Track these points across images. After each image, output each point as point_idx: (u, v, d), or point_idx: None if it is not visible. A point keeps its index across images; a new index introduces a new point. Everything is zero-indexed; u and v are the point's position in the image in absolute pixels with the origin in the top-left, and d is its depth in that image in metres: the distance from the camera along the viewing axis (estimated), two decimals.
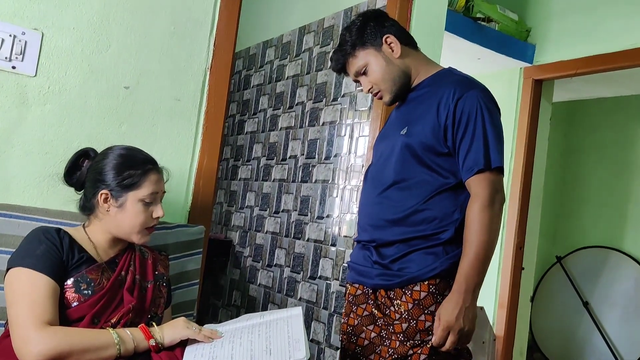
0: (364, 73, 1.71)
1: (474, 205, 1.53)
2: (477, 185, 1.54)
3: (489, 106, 1.59)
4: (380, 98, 1.74)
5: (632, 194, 4.34)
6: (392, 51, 1.68)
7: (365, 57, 1.69)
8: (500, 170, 1.56)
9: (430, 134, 1.59)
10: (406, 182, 1.62)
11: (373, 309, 1.66)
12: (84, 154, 1.56)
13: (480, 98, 1.58)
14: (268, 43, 3.65)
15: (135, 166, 1.47)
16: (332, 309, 2.61)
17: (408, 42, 1.73)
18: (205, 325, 1.47)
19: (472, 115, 1.55)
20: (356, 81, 1.77)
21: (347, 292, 1.76)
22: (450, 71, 1.72)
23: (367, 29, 1.69)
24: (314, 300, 2.73)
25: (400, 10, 2.37)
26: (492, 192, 1.53)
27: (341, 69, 1.75)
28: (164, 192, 1.54)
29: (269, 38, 3.65)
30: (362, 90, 2.70)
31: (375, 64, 1.68)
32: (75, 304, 1.36)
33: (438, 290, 1.55)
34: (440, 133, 1.58)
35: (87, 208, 1.49)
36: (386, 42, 1.68)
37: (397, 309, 1.58)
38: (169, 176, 1.57)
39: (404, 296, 1.57)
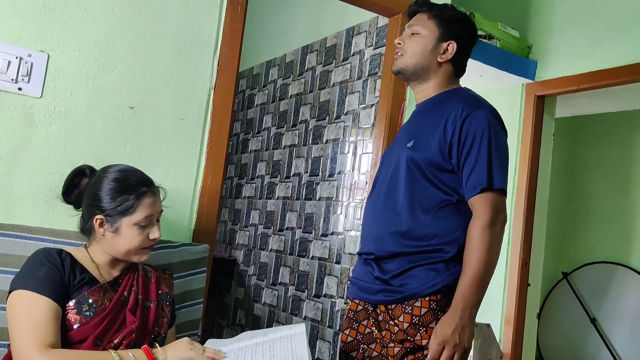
0: (413, 34, 1.72)
1: (475, 225, 1.53)
2: (479, 205, 1.54)
3: (496, 127, 1.60)
4: (396, 59, 1.75)
5: (637, 209, 4.31)
6: (442, 53, 1.70)
7: (429, 30, 1.70)
8: (502, 192, 1.57)
9: (436, 149, 1.60)
10: (409, 195, 1.62)
11: (373, 327, 1.65)
12: (80, 172, 1.56)
13: (487, 118, 1.59)
14: (271, 62, 3.68)
15: (129, 190, 1.45)
16: (337, 328, 2.59)
17: (457, 65, 1.74)
18: (208, 341, 1.46)
19: (479, 134, 1.56)
20: (402, 31, 1.79)
21: (348, 307, 1.75)
22: (463, 89, 1.74)
23: (456, 24, 1.71)
24: (319, 319, 2.72)
25: (401, 29, 2.38)
26: (494, 212, 1.53)
27: (414, 12, 1.76)
28: (161, 210, 1.53)
29: (272, 57, 3.68)
30: (364, 108, 2.72)
31: (424, 40, 1.69)
32: (77, 325, 1.36)
33: (439, 307, 1.54)
34: (446, 150, 1.59)
35: (85, 230, 1.50)
36: (449, 44, 1.70)
37: (394, 326, 1.57)
38: (165, 194, 1.57)
39: (402, 315, 1.56)
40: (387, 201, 1.67)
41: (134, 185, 1.46)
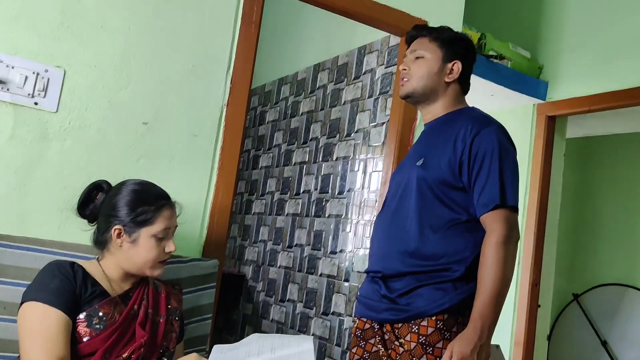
0: (417, 58, 1.73)
1: (489, 242, 1.53)
2: (492, 222, 1.54)
3: (506, 144, 1.61)
4: (402, 85, 1.76)
5: None
6: (449, 73, 1.71)
7: (432, 52, 1.71)
8: (515, 209, 1.57)
9: (446, 167, 1.60)
10: (418, 214, 1.62)
11: (380, 345, 1.64)
12: (97, 187, 1.57)
13: (497, 135, 1.60)
14: (283, 80, 3.71)
15: (149, 202, 1.48)
16: (345, 346, 2.58)
17: (464, 83, 1.76)
18: (215, 347, 1.43)
19: (489, 152, 1.57)
20: (404, 56, 1.79)
21: (355, 325, 1.74)
22: (471, 109, 1.75)
23: (457, 43, 1.74)
24: (327, 337, 2.71)
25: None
26: (508, 229, 1.53)
27: (413, 37, 1.78)
28: (177, 226, 1.55)
29: (284, 75, 3.71)
30: (375, 126, 2.73)
31: (429, 63, 1.70)
32: (86, 338, 1.36)
33: (446, 327, 1.53)
34: (456, 168, 1.60)
35: (100, 242, 1.51)
36: (454, 64, 1.71)
37: (399, 346, 1.56)
38: (181, 210, 1.59)
39: (409, 334, 1.55)
40: (395, 220, 1.67)
41: (154, 198, 1.50)
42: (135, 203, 1.47)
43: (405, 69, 1.75)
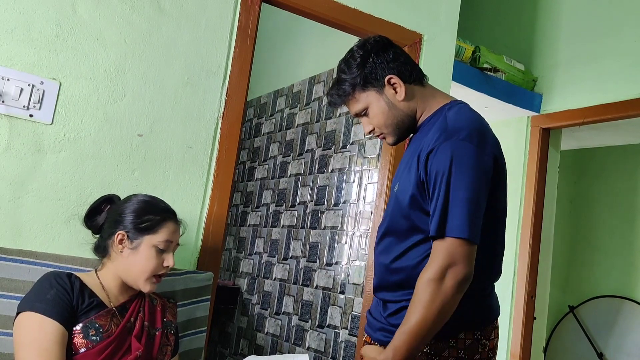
0: (365, 114, 1.56)
1: (422, 275, 1.34)
2: (432, 255, 1.36)
3: (460, 162, 1.36)
4: (384, 139, 1.61)
5: None
6: (396, 93, 1.52)
7: (365, 100, 1.53)
8: (465, 240, 1.32)
9: (416, 192, 1.45)
10: (399, 244, 1.51)
11: None
12: (108, 200, 1.60)
13: (451, 152, 1.36)
14: (279, 92, 3.72)
15: (155, 212, 1.51)
16: (341, 359, 2.56)
17: (413, 78, 1.55)
18: None
19: (440, 173, 1.36)
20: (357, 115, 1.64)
21: (364, 340, 1.72)
22: (444, 109, 1.53)
23: (368, 66, 1.51)
24: (322, 350, 2.69)
25: None
26: (445, 264, 1.32)
27: (338, 104, 1.61)
28: (178, 244, 1.56)
29: (279, 87, 3.72)
30: (370, 138, 2.74)
31: (377, 107, 1.53)
32: (82, 350, 1.36)
33: (434, 351, 1.44)
34: (423, 191, 1.44)
35: (101, 248, 1.52)
36: (389, 83, 1.51)
37: None
38: (185, 230, 1.60)
39: None
40: (385, 249, 1.57)
41: (161, 210, 1.53)
42: (142, 211, 1.50)
43: (371, 130, 1.59)
